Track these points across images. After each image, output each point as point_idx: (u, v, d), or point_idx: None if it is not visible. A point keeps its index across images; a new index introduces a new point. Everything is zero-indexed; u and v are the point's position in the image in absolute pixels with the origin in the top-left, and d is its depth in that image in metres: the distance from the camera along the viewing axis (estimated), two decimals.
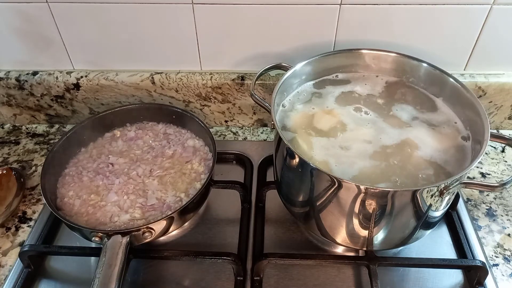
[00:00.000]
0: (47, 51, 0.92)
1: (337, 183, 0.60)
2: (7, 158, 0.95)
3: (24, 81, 0.95)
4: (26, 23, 0.88)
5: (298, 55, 0.89)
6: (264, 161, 0.90)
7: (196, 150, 0.84)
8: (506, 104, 0.94)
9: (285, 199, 0.76)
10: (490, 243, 0.78)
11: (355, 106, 0.77)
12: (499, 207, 0.84)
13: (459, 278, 0.73)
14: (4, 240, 0.79)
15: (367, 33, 0.86)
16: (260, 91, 0.94)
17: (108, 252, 0.64)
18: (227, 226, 0.81)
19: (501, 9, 0.82)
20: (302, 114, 0.75)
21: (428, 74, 0.78)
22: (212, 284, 0.72)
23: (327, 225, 0.69)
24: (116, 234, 0.66)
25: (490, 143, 0.84)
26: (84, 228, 0.68)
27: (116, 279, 0.61)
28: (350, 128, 0.73)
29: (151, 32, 0.88)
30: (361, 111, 0.76)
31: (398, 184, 0.64)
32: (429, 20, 0.84)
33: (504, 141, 0.70)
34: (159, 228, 0.69)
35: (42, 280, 0.74)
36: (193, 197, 0.71)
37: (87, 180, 0.78)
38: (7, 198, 0.83)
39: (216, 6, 0.83)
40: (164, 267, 0.75)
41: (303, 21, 0.85)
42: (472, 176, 0.90)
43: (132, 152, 0.84)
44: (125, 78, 0.93)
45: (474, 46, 0.88)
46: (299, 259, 0.72)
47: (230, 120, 1.02)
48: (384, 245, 0.70)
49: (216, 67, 0.94)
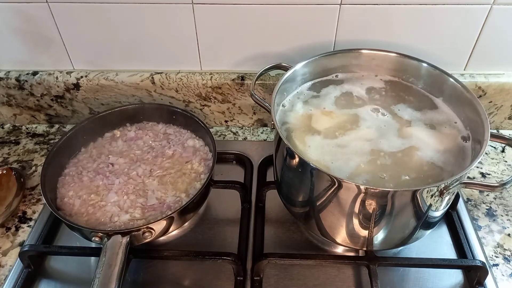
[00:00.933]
0: (47, 51, 0.92)
1: (337, 183, 0.60)
2: (7, 158, 0.95)
3: (24, 81, 0.95)
4: (26, 23, 0.88)
5: (298, 55, 0.89)
6: (264, 161, 0.90)
7: (196, 150, 0.84)
8: (506, 104, 0.94)
9: (285, 199, 0.76)
10: (490, 243, 0.78)
11: (355, 106, 0.77)
12: (499, 207, 0.84)
13: (459, 278, 0.73)
14: (4, 240, 0.79)
15: (367, 33, 0.86)
16: (260, 91, 0.94)
17: (108, 252, 0.64)
18: (227, 226, 0.81)
19: (501, 9, 0.82)
20: (300, 114, 0.75)
21: (428, 74, 0.78)
22: (212, 284, 0.72)
23: (327, 225, 0.69)
24: (116, 234, 0.66)
25: (490, 143, 0.84)
26: (84, 228, 0.68)
27: (116, 279, 0.61)
28: (348, 128, 0.73)
29: (151, 32, 0.88)
30: (360, 111, 0.76)
31: (399, 184, 0.64)
32: (429, 20, 0.84)
33: (504, 141, 0.70)
34: (159, 228, 0.69)
35: (42, 280, 0.74)
36: (193, 197, 0.71)
37: (87, 180, 0.78)
38: (7, 198, 0.83)
39: (216, 6, 0.83)
40: (164, 267, 0.75)
41: (303, 21, 0.85)
42: (472, 176, 0.90)
43: (132, 152, 0.84)
44: (125, 78, 0.94)
45: (474, 46, 0.88)
46: (299, 259, 0.72)
47: (230, 120, 1.02)
48: (384, 245, 0.70)
49: (216, 67, 0.94)
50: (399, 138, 0.71)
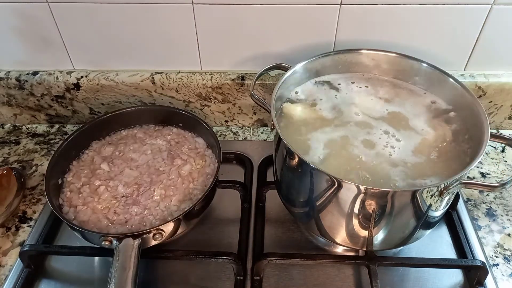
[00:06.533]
0: (47, 51, 0.92)
1: (337, 183, 0.60)
2: (7, 158, 0.95)
3: (24, 81, 0.95)
4: (26, 23, 0.88)
5: (298, 55, 0.89)
6: (264, 161, 0.90)
7: (201, 152, 0.84)
8: (506, 104, 0.94)
9: (285, 199, 0.76)
10: (490, 243, 0.78)
11: (354, 106, 0.77)
12: (499, 207, 0.84)
13: (459, 278, 0.73)
14: (4, 240, 0.79)
15: (367, 33, 0.86)
16: (260, 91, 0.94)
17: (121, 255, 0.64)
18: (227, 226, 0.81)
19: (501, 9, 0.82)
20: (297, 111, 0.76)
21: (428, 74, 0.78)
22: (212, 284, 0.73)
23: (327, 225, 0.69)
24: (127, 237, 0.66)
25: (490, 143, 0.84)
26: (95, 233, 0.68)
27: (131, 282, 0.61)
28: (345, 128, 0.73)
29: (151, 32, 0.88)
30: (360, 110, 0.76)
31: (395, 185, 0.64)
32: (429, 20, 0.84)
33: (504, 141, 0.70)
34: (169, 229, 0.70)
35: (42, 280, 0.74)
36: (201, 197, 0.71)
37: (91, 183, 0.78)
38: (7, 198, 0.83)
39: (216, 6, 0.83)
40: (164, 267, 0.75)
41: (303, 21, 0.85)
42: (472, 176, 0.90)
43: (136, 154, 0.83)
44: (126, 78, 0.94)
45: (474, 46, 0.88)
46: (299, 259, 0.72)
47: (230, 120, 1.02)
48: (384, 245, 0.70)
49: (216, 67, 0.94)
50: (398, 138, 0.71)
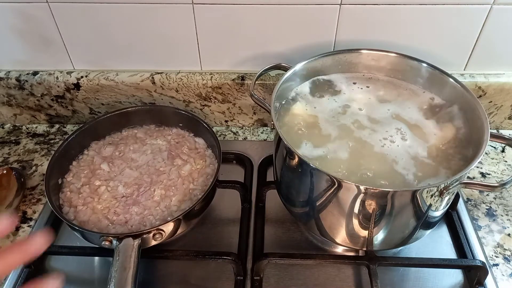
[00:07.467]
0: (47, 51, 0.92)
1: (337, 183, 0.60)
2: (7, 158, 0.95)
3: (24, 81, 0.95)
4: (26, 23, 0.88)
5: (298, 55, 0.89)
6: (264, 161, 0.90)
7: (201, 152, 0.84)
8: (506, 104, 0.94)
9: (285, 199, 0.76)
10: (490, 243, 0.78)
11: (354, 106, 0.77)
12: (499, 207, 0.84)
13: (459, 278, 0.73)
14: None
15: (367, 33, 0.86)
16: (260, 91, 0.94)
17: (121, 255, 0.64)
18: (227, 226, 0.81)
19: (501, 9, 0.82)
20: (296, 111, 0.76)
21: (428, 74, 0.78)
22: (212, 284, 0.73)
23: (327, 225, 0.69)
24: (127, 237, 0.66)
25: (490, 143, 0.84)
26: (95, 233, 0.68)
27: (131, 282, 0.61)
28: (345, 128, 0.73)
29: (151, 32, 0.88)
30: (360, 110, 0.76)
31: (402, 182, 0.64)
32: (429, 20, 0.84)
33: (504, 141, 0.70)
34: (169, 229, 0.70)
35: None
36: (201, 197, 0.71)
37: (91, 183, 0.78)
38: (7, 198, 0.83)
39: (216, 6, 0.83)
40: (164, 267, 0.75)
41: (303, 21, 0.85)
42: (472, 176, 0.90)
43: (136, 154, 0.83)
44: (125, 78, 0.94)
45: (474, 46, 0.88)
46: (299, 259, 0.73)
47: (230, 120, 1.02)
48: (384, 245, 0.70)
49: (216, 67, 0.94)
50: (398, 138, 0.71)
